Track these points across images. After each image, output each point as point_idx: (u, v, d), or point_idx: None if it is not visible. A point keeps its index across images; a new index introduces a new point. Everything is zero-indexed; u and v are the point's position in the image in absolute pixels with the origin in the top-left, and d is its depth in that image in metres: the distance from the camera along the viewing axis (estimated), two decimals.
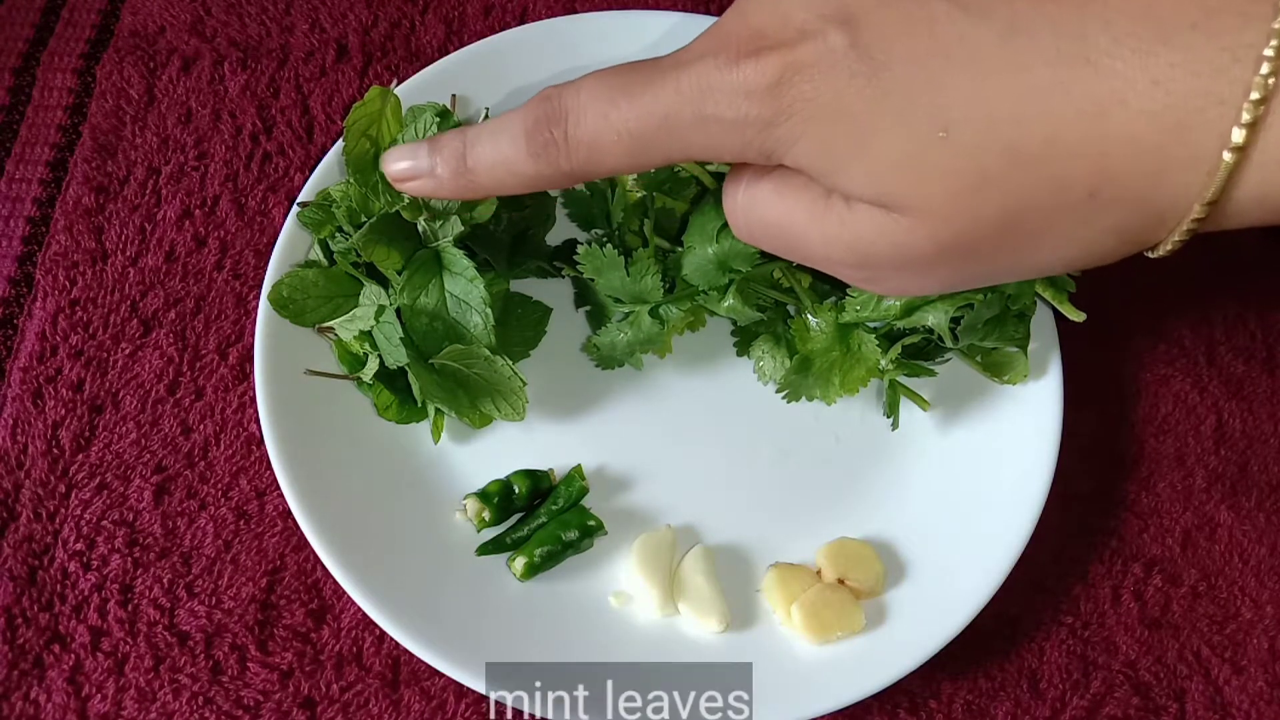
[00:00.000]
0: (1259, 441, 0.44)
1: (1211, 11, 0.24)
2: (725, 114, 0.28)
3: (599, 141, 0.30)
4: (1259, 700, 0.40)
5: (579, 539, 0.39)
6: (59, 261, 0.45)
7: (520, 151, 0.31)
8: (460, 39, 0.52)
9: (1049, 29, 0.25)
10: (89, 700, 0.38)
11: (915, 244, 0.28)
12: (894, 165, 0.27)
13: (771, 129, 0.28)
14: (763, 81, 0.27)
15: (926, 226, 0.28)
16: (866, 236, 0.29)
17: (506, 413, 0.39)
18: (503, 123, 0.32)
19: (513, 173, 0.32)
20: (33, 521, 0.41)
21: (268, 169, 0.48)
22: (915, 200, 0.27)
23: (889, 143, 0.27)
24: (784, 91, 0.27)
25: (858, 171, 0.28)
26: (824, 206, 0.29)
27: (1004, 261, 0.29)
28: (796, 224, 0.30)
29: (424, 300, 0.38)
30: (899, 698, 0.39)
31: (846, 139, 0.27)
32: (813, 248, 0.31)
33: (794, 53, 0.27)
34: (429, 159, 0.34)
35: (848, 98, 0.27)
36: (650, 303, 0.40)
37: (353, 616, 0.39)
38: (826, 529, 0.40)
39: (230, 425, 0.43)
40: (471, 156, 0.33)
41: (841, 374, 0.39)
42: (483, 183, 0.33)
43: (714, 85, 0.28)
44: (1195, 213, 0.26)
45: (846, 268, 0.31)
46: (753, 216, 0.32)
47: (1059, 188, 0.26)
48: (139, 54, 0.50)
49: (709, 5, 0.53)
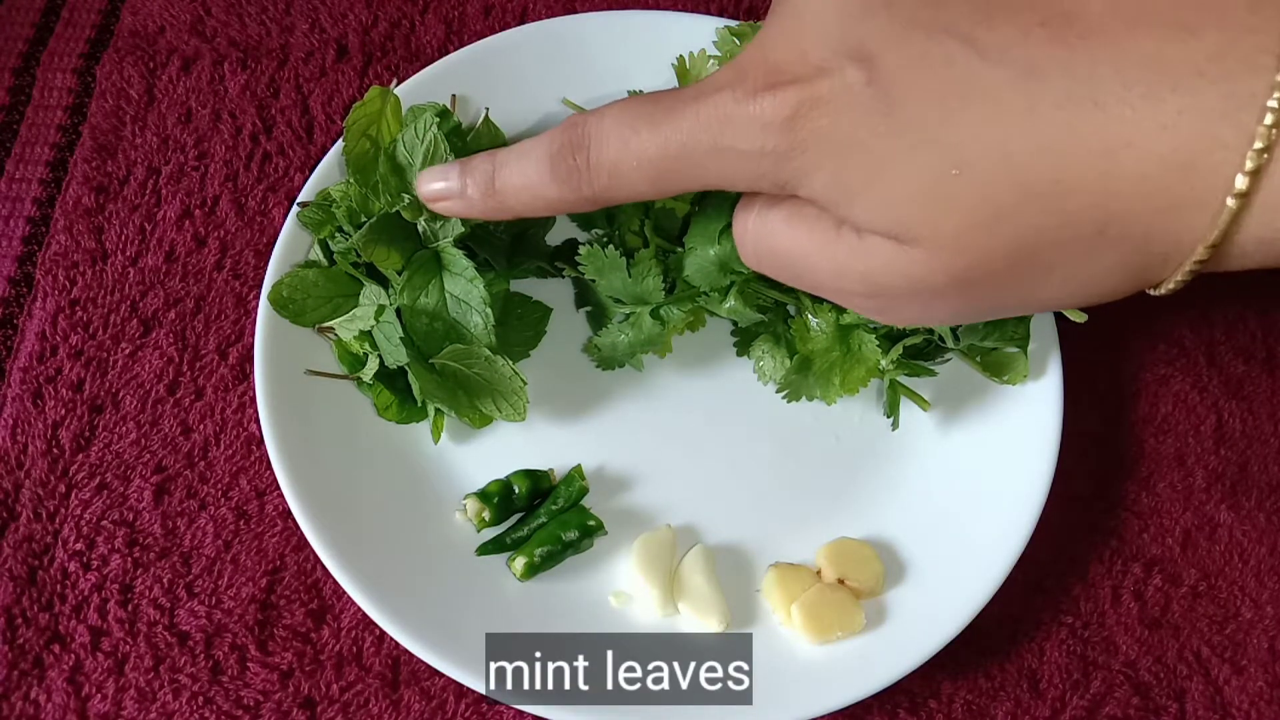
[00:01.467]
0: (1259, 441, 0.44)
1: (1218, 60, 0.24)
2: (742, 145, 0.29)
3: (619, 168, 0.31)
4: (1259, 700, 0.40)
5: (579, 539, 0.39)
6: (59, 261, 0.45)
7: (545, 176, 0.33)
8: (460, 39, 0.52)
9: (1061, 73, 0.25)
10: (89, 700, 0.38)
11: (927, 276, 0.29)
12: (908, 198, 0.28)
13: (787, 161, 0.29)
14: (779, 115, 0.28)
15: (939, 259, 0.28)
16: (878, 267, 0.29)
17: (507, 413, 0.39)
18: (529, 147, 0.33)
19: (538, 196, 0.33)
20: (33, 521, 0.41)
21: (268, 169, 0.48)
22: (928, 233, 0.28)
23: (903, 177, 0.27)
24: (800, 125, 0.28)
25: (871, 203, 0.28)
26: (835, 237, 0.30)
27: (1013, 295, 0.29)
28: (808, 254, 0.31)
29: (424, 301, 0.38)
30: (899, 698, 0.39)
31: (860, 172, 0.28)
32: (823, 277, 0.31)
33: (811, 88, 0.28)
34: (460, 180, 0.35)
35: (863, 132, 0.27)
36: (651, 304, 0.40)
37: (353, 616, 0.39)
38: (826, 529, 0.40)
39: (230, 425, 0.43)
40: (500, 179, 0.34)
41: (842, 374, 0.39)
42: (510, 204, 0.34)
43: (732, 116, 0.29)
44: (1198, 254, 0.26)
45: (858, 297, 0.31)
46: (763, 245, 0.33)
47: (1068, 225, 0.27)
48: (139, 54, 0.50)
49: (709, 5, 0.53)
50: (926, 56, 0.27)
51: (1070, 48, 0.25)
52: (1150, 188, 0.25)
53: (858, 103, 0.27)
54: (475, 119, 0.44)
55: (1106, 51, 0.25)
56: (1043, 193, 0.26)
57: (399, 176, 0.39)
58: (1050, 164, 0.26)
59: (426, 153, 0.38)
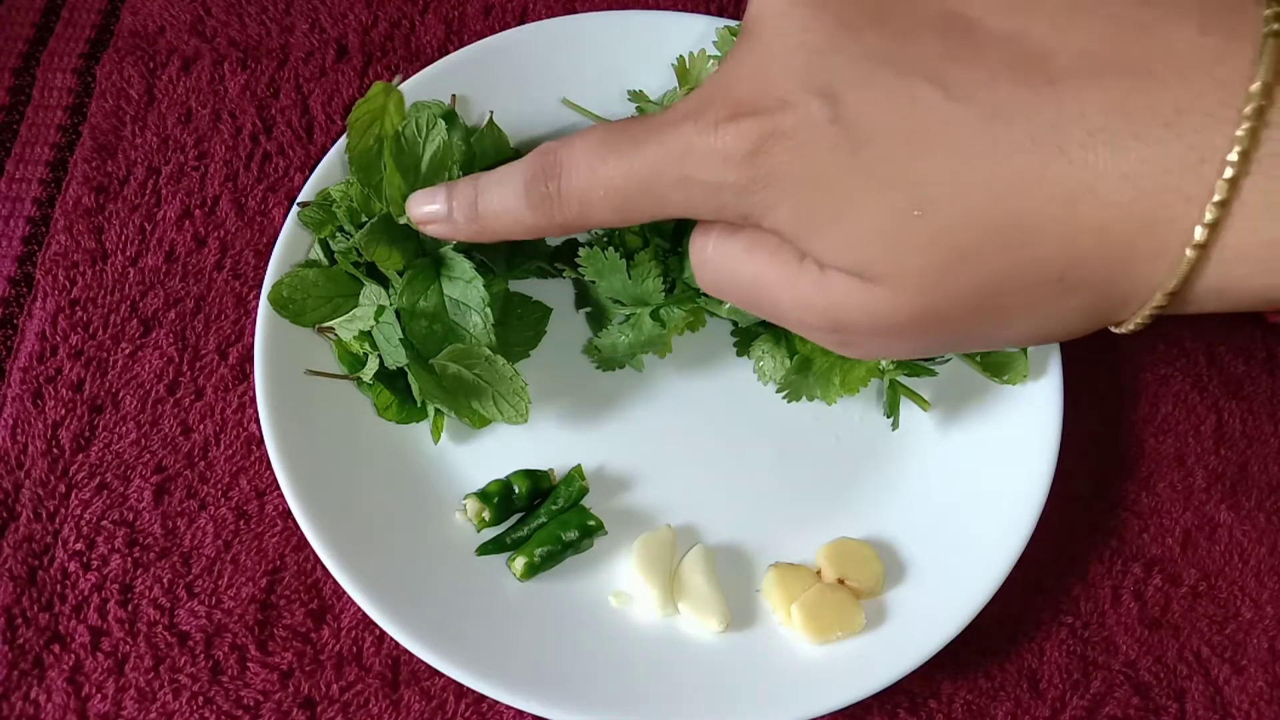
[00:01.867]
0: (1259, 441, 0.44)
1: (1182, 111, 0.24)
2: (703, 176, 0.29)
3: (588, 196, 0.32)
4: (1259, 700, 0.40)
5: (579, 539, 0.39)
6: (59, 261, 0.45)
7: (521, 202, 0.33)
8: (460, 39, 0.52)
9: (1026, 117, 0.25)
10: (89, 700, 0.38)
11: (889, 314, 0.29)
12: (870, 237, 0.28)
13: (748, 194, 0.29)
14: (741, 147, 0.28)
15: (901, 298, 0.28)
16: (840, 303, 0.29)
17: (509, 415, 0.38)
18: (508, 173, 0.34)
19: (517, 221, 0.34)
20: (33, 521, 0.41)
21: (268, 169, 0.48)
22: (890, 272, 0.28)
23: (866, 215, 0.27)
24: (761, 159, 0.28)
25: (833, 240, 0.28)
26: (797, 270, 0.30)
27: (975, 332, 0.30)
28: (769, 285, 0.31)
29: (423, 305, 0.38)
30: (899, 698, 0.39)
31: (823, 208, 0.28)
32: (784, 309, 0.31)
33: (773, 120, 0.28)
34: (445, 204, 0.36)
35: (826, 168, 0.27)
36: (652, 305, 0.40)
37: (353, 616, 0.39)
38: (826, 529, 0.40)
39: (230, 425, 0.43)
40: (481, 204, 0.35)
41: (842, 374, 0.39)
42: (492, 228, 0.35)
43: (694, 148, 0.29)
44: (1157, 300, 0.27)
45: (820, 331, 0.31)
46: (723, 274, 0.32)
47: (1030, 268, 0.27)
48: (139, 54, 0.50)
49: (709, 5, 0.53)
50: (892, 94, 0.27)
51: (1036, 91, 0.25)
52: (1111, 236, 0.25)
53: (821, 138, 0.27)
54: (475, 119, 0.44)
55: (1072, 97, 0.25)
56: (1005, 237, 0.26)
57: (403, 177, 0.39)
58: (1013, 208, 0.26)
59: (434, 156, 0.38)
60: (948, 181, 0.26)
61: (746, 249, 0.31)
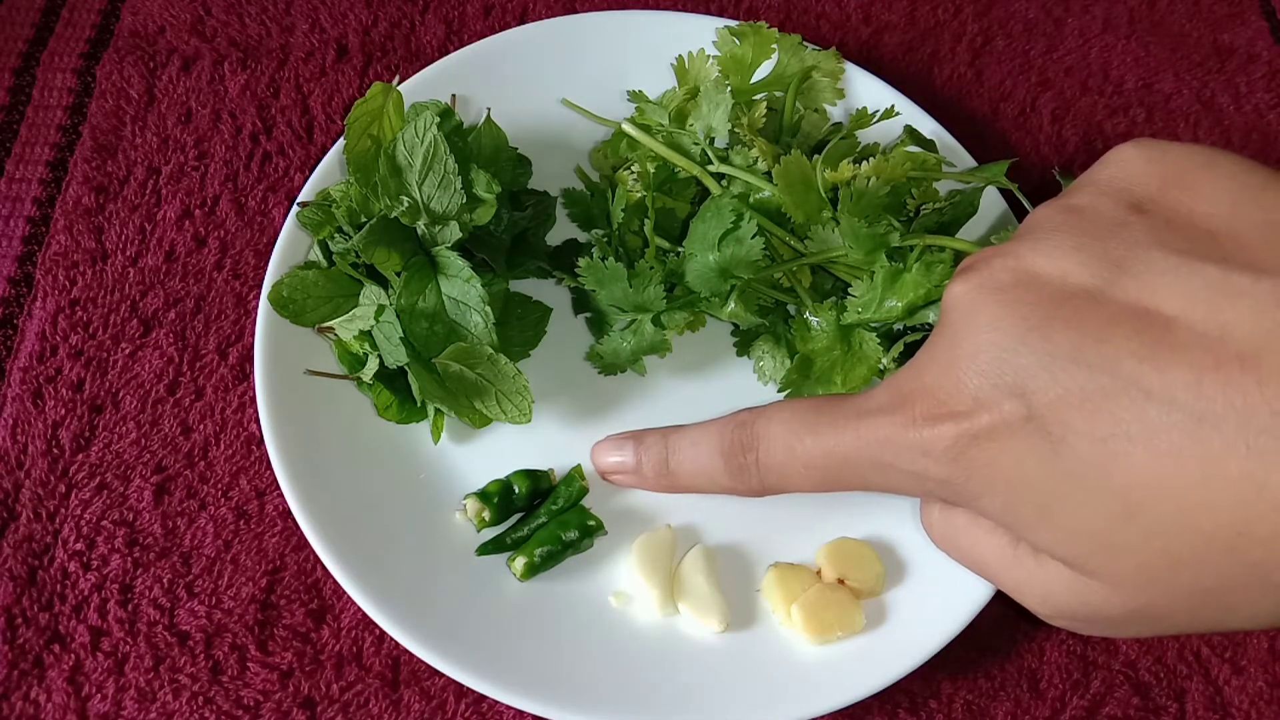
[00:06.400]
0: None
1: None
2: (906, 467, 0.30)
3: (786, 470, 0.34)
4: (1259, 700, 0.40)
5: (579, 539, 0.39)
6: (59, 261, 0.45)
7: (718, 468, 0.36)
8: (460, 39, 0.52)
9: (1239, 422, 0.24)
10: (89, 700, 0.38)
11: (1105, 607, 0.29)
12: (1081, 535, 0.28)
13: (952, 486, 0.30)
14: (939, 446, 0.29)
15: (1116, 596, 0.28)
16: (1056, 591, 0.30)
17: (512, 415, 0.38)
18: (702, 436, 0.37)
19: (713, 483, 0.37)
20: (33, 521, 0.41)
21: (268, 169, 0.48)
22: (1105, 571, 0.28)
23: (1074, 515, 0.27)
24: (961, 458, 0.29)
25: (1044, 535, 0.29)
26: (1013, 555, 0.31)
27: (1199, 624, 0.29)
28: (989, 564, 0.32)
29: (422, 305, 0.38)
30: (899, 698, 0.39)
31: (1030, 506, 0.28)
32: (1005, 585, 0.32)
33: (970, 421, 0.28)
34: (635, 457, 0.39)
35: (1028, 468, 0.27)
36: (653, 311, 0.40)
37: (353, 616, 0.39)
38: (826, 529, 0.40)
39: (230, 425, 0.43)
40: (674, 462, 0.38)
41: (843, 373, 0.39)
42: (683, 485, 0.38)
43: (892, 440, 0.30)
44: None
45: (1038, 610, 0.32)
46: (948, 541, 0.34)
47: (1253, 573, 0.26)
48: (139, 54, 0.50)
49: (709, 5, 0.53)
50: (1086, 393, 0.26)
51: (1246, 395, 0.24)
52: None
53: (1019, 438, 0.27)
54: (476, 119, 0.44)
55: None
56: (1225, 544, 0.25)
57: (398, 178, 0.39)
58: (1231, 515, 0.25)
59: (426, 154, 0.38)
60: (1156, 486, 0.26)
61: (966, 527, 0.32)
